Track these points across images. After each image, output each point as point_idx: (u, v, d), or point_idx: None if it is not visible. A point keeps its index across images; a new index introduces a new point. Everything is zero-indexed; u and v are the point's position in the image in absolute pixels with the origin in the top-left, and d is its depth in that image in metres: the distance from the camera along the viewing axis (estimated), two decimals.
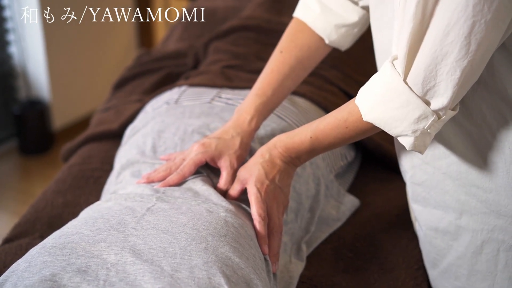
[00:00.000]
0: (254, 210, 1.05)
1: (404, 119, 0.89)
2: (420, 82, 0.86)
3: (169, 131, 1.33)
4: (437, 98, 0.86)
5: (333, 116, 1.01)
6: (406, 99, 0.88)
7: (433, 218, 1.07)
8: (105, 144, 1.64)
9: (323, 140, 1.03)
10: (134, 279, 0.83)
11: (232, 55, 1.84)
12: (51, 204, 1.40)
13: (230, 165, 1.14)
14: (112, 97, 1.98)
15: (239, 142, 1.16)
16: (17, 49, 3.25)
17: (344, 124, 0.99)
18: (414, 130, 0.89)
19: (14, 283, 0.84)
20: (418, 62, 0.85)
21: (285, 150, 1.08)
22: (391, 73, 0.89)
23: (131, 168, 1.25)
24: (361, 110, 0.94)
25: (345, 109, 0.99)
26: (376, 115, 0.92)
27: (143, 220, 0.95)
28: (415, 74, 0.86)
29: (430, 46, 0.83)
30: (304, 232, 1.26)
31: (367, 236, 1.31)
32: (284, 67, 1.20)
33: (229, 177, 1.13)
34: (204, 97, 1.47)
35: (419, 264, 1.22)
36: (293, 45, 1.21)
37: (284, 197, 1.11)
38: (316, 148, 1.05)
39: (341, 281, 1.17)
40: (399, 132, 0.91)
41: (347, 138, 1.01)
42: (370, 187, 1.50)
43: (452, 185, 1.01)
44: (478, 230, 1.01)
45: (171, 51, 2.11)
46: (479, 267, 1.03)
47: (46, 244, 0.91)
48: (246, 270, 0.89)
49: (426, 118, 0.88)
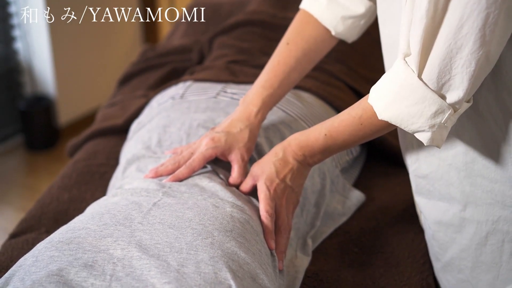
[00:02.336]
0: (262, 207, 1.06)
1: (421, 115, 0.89)
2: (435, 77, 0.86)
3: (174, 125, 1.33)
4: (452, 92, 0.86)
5: (347, 113, 1.01)
6: (422, 95, 0.88)
7: (437, 211, 1.07)
8: (111, 139, 1.65)
9: (337, 138, 1.03)
10: (140, 274, 0.83)
11: (237, 50, 1.84)
12: (57, 200, 1.40)
13: (241, 158, 1.14)
14: (117, 92, 1.98)
15: (248, 135, 1.16)
16: (22, 45, 3.26)
17: (358, 121, 0.99)
18: (432, 125, 0.89)
19: (21, 278, 0.84)
20: (432, 57, 0.85)
21: (299, 148, 1.08)
22: (405, 70, 0.89)
23: (137, 163, 1.25)
24: (376, 109, 0.94)
25: (358, 106, 0.99)
26: (392, 113, 0.92)
27: (149, 215, 0.96)
28: (430, 69, 0.86)
29: (444, 40, 0.83)
30: (310, 227, 1.26)
31: (372, 231, 1.31)
32: (290, 60, 1.20)
33: (241, 170, 1.13)
34: (209, 92, 1.47)
35: (425, 258, 1.21)
36: (300, 37, 1.21)
37: (295, 196, 1.11)
38: (330, 146, 1.05)
39: (346, 275, 1.17)
40: (416, 128, 0.91)
41: (361, 136, 1.01)
42: (376, 181, 1.49)
43: (457, 177, 1.01)
44: (483, 221, 1.00)
45: (176, 47, 2.11)
46: (483, 258, 1.03)
47: (53, 239, 0.92)
48: (252, 265, 0.89)
49: (443, 113, 0.88)
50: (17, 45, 3.26)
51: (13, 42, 3.24)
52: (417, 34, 0.85)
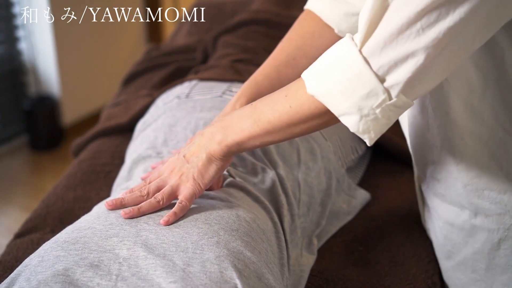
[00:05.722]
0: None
1: (352, 94, 0.81)
2: (378, 52, 0.78)
3: (180, 125, 1.32)
4: (393, 74, 0.78)
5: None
6: (359, 70, 0.80)
7: (450, 213, 1.06)
8: (115, 139, 1.65)
9: (261, 111, 0.93)
10: (146, 273, 0.83)
11: (242, 49, 1.83)
12: (62, 199, 1.40)
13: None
14: (122, 92, 1.98)
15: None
16: (26, 45, 3.26)
17: (284, 92, 0.91)
18: (361, 108, 0.81)
19: (27, 278, 0.84)
20: (379, 30, 0.78)
21: (221, 115, 1.07)
22: (347, 43, 0.82)
23: (143, 163, 1.25)
24: (306, 82, 0.87)
25: (293, 82, 0.92)
26: (321, 87, 0.84)
27: (155, 214, 0.95)
28: (373, 43, 0.79)
29: (395, 11, 0.76)
30: (315, 226, 1.26)
31: (377, 229, 1.30)
32: (281, 54, 1.17)
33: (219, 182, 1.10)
34: (215, 91, 1.46)
35: (430, 257, 1.21)
36: (295, 33, 1.18)
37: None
38: (255, 121, 0.95)
39: (352, 274, 1.17)
40: (344, 110, 0.83)
41: (285, 117, 0.90)
42: (381, 180, 1.49)
43: (463, 190, 0.99)
44: (494, 229, 0.99)
45: (180, 46, 2.11)
46: (498, 261, 1.01)
47: (59, 238, 0.91)
48: (258, 264, 0.89)
49: (376, 96, 0.80)
50: (21, 45, 3.26)
51: (17, 42, 3.24)
52: (367, 8, 0.79)
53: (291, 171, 1.22)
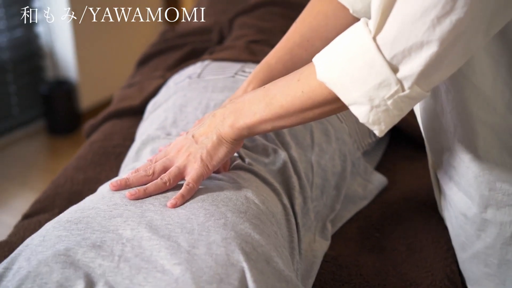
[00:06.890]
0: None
1: (363, 83, 0.79)
2: (391, 41, 0.75)
3: (191, 105, 1.30)
4: (406, 64, 0.76)
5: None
6: (372, 59, 0.77)
7: (463, 204, 1.03)
8: (127, 120, 1.63)
9: (274, 95, 0.92)
10: (149, 254, 0.80)
11: (258, 30, 1.81)
12: (71, 181, 1.39)
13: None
14: (136, 73, 1.97)
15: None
16: (44, 29, 3.25)
17: (297, 76, 0.89)
18: (372, 98, 0.79)
19: (27, 257, 0.82)
20: (392, 16, 0.75)
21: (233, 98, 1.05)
22: (361, 29, 0.79)
23: (151, 144, 1.22)
24: (317, 68, 0.84)
25: (306, 66, 0.90)
26: (332, 74, 0.82)
27: (160, 195, 0.93)
28: (387, 30, 0.76)
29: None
30: (330, 210, 1.22)
31: (394, 215, 1.27)
32: (294, 36, 1.14)
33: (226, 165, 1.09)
34: (227, 71, 1.44)
35: (449, 244, 1.17)
36: (308, 14, 1.15)
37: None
38: (267, 105, 0.93)
39: (366, 260, 1.14)
40: (354, 99, 0.81)
41: (298, 101, 0.88)
42: (399, 165, 1.46)
43: (474, 181, 0.96)
44: (507, 222, 0.96)
45: (195, 27, 2.09)
46: (510, 257, 0.99)
47: (62, 218, 0.90)
48: (266, 248, 0.86)
49: (389, 86, 0.77)
50: (38, 29, 3.25)
51: (34, 26, 3.24)
52: None
53: (304, 152, 1.18)
